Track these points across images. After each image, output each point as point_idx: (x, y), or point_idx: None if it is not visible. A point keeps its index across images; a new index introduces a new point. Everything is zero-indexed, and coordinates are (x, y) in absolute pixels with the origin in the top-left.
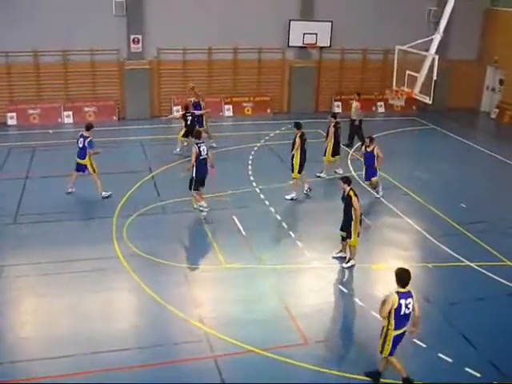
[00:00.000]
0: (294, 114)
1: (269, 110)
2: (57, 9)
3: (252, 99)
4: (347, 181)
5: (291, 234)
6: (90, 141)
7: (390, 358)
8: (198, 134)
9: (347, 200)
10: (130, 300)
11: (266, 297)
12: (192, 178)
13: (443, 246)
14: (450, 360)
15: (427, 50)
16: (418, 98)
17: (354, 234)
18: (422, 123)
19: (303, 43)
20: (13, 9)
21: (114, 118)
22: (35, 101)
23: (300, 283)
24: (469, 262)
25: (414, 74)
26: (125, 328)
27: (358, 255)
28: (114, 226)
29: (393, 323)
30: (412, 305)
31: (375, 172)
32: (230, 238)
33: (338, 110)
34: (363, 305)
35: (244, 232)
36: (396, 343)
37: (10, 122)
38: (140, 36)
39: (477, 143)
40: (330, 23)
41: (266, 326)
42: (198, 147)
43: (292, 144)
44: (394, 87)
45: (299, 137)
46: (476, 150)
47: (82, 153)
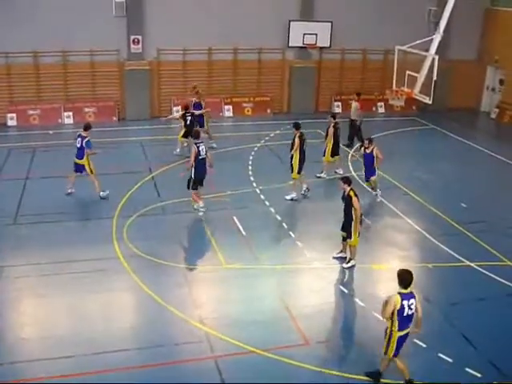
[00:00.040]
0: (293, 114)
1: (269, 111)
2: (56, 9)
3: (252, 99)
4: (347, 181)
5: (291, 234)
6: (88, 141)
7: (394, 359)
8: (196, 134)
9: (347, 200)
10: (130, 301)
11: (266, 297)
12: (191, 178)
13: (443, 246)
14: (451, 360)
15: (427, 50)
16: (418, 98)
17: (354, 234)
18: (422, 123)
19: (303, 43)
20: (12, 9)
21: (114, 118)
22: (35, 101)
23: (300, 283)
24: (469, 262)
25: (414, 74)
26: (125, 328)
27: (358, 255)
28: (114, 226)
29: (396, 325)
30: (415, 305)
31: (374, 172)
32: (230, 238)
33: (338, 111)
34: (364, 305)
35: (244, 232)
36: (400, 344)
37: (10, 122)
38: (140, 37)
39: (477, 143)
40: (329, 23)
41: (267, 327)
42: (197, 147)
43: (291, 144)
44: (394, 87)
45: (298, 137)
46: (476, 150)
47: (80, 153)
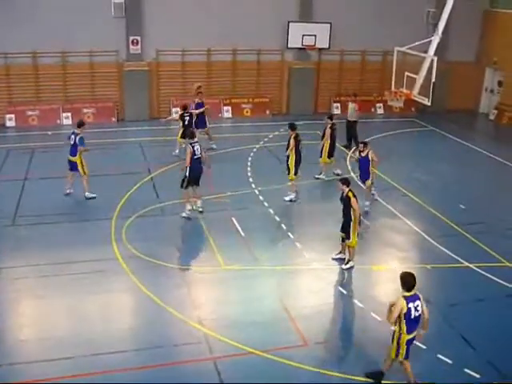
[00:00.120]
0: (292, 115)
1: (268, 112)
2: (55, 10)
3: (251, 101)
4: (346, 182)
5: (290, 235)
6: (81, 138)
7: (404, 361)
8: (191, 134)
9: (346, 201)
10: (129, 302)
11: (265, 298)
12: (185, 177)
13: (442, 247)
14: (450, 361)
15: (426, 52)
16: (416, 99)
17: (353, 234)
18: (420, 125)
19: (302, 45)
20: (11, 10)
21: (113, 119)
22: (34, 102)
23: (299, 284)
24: (468, 263)
25: (413, 75)
26: (124, 329)
27: (357, 256)
28: (112, 227)
29: (404, 328)
30: (420, 307)
31: (369, 176)
32: (229, 239)
33: (337, 112)
34: (363, 306)
35: (243, 233)
36: (409, 346)
37: (9, 123)
38: (139, 37)
39: (475, 145)
40: (328, 25)
41: (266, 328)
42: (192, 147)
43: (286, 145)
44: (393, 89)
45: (293, 138)
46: (475, 152)
47: (73, 150)
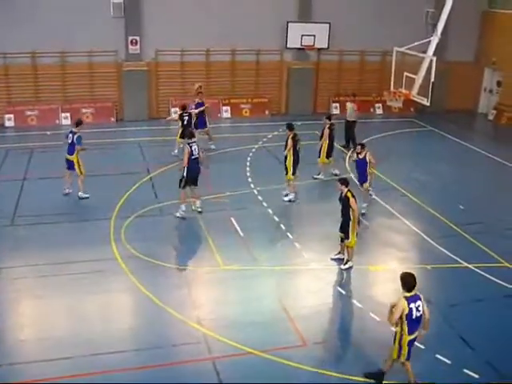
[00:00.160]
0: (291, 115)
1: (267, 112)
2: (55, 10)
3: (250, 101)
4: (345, 182)
5: (289, 235)
6: (79, 136)
7: (406, 362)
8: (190, 134)
9: (345, 201)
10: (128, 302)
11: (264, 298)
12: (183, 177)
13: (441, 248)
14: (449, 361)
15: (425, 52)
16: (415, 99)
17: (352, 234)
18: (419, 125)
19: (301, 45)
20: (11, 10)
21: (112, 119)
22: (33, 102)
23: (298, 285)
24: (467, 264)
25: (412, 75)
26: (123, 330)
27: (355, 257)
28: (111, 227)
29: (406, 329)
30: (422, 307)
31: (366, 178)
32: (228, 239)
33: (336, 112)
34: (361, 306)
35: (242, 233)
36: (411, 347)
37: (8, 123)
38: (138, 37)
39: (474, 145)
40: (327, 25)
41: (265, 328)
42: (190, 147)
43: (284, 145)
44: (392, 89)
45: (291, 138)
46: (474, 152)
47: (70, 148)
